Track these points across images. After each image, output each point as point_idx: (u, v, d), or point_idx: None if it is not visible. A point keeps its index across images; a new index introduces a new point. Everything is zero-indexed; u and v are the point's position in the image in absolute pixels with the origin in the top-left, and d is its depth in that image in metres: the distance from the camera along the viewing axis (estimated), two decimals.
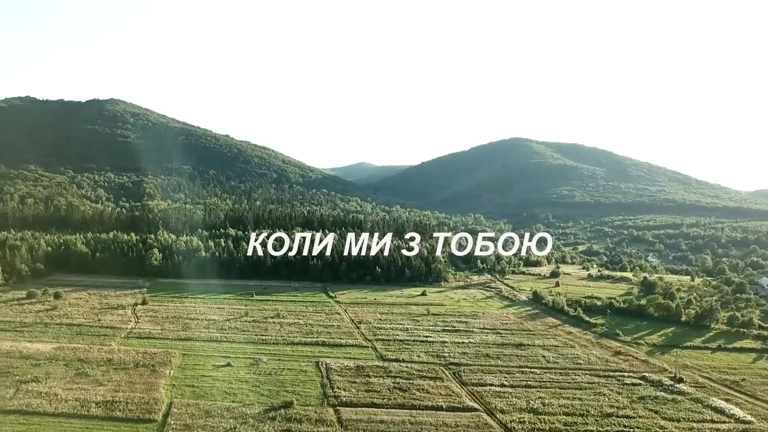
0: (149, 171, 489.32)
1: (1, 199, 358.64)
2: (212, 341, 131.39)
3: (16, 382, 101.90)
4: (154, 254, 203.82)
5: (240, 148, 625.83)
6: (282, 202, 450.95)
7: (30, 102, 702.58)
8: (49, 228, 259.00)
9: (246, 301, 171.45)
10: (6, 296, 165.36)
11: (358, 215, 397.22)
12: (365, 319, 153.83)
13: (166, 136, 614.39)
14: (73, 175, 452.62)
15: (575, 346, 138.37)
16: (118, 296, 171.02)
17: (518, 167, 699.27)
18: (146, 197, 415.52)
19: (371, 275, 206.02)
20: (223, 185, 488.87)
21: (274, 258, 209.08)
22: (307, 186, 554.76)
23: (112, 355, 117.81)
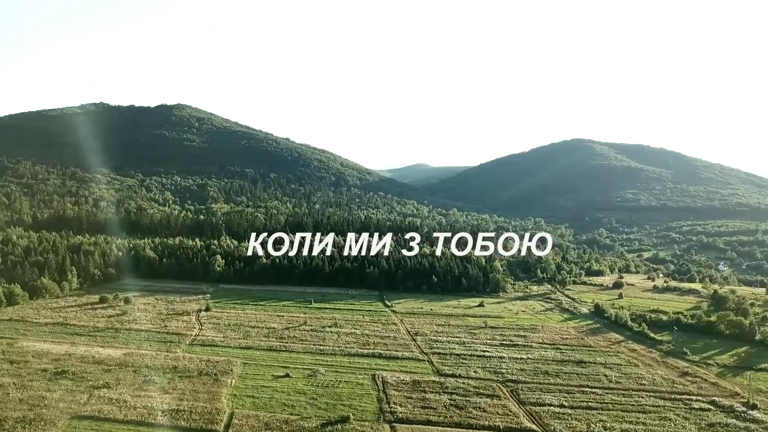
0: (213, 174, 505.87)
1: (77, 202, 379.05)
2: (272, 350, 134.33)
3: (90, 388, 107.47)
4: (217, 260, 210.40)
5: (300, 152, 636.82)
6: (340, 205, 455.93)
7: (103, 108, 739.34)
8: (120, 232, 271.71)
9: (305, 309, 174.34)
10: (81, 300, 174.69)
11: (414, 219, 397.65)
12: (421, 331, 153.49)
13: (230, 140, 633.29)
14: (142, 179, 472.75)
15: (639, 365, 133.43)
16: (183, 302, 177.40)
17: (580, 169, 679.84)
18: (210, 200, 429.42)
19: (428, 284, 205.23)
20: (284, 188, 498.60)
21: (332, 265, 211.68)
22: (365, 189, 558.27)
23: (177, 362, 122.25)
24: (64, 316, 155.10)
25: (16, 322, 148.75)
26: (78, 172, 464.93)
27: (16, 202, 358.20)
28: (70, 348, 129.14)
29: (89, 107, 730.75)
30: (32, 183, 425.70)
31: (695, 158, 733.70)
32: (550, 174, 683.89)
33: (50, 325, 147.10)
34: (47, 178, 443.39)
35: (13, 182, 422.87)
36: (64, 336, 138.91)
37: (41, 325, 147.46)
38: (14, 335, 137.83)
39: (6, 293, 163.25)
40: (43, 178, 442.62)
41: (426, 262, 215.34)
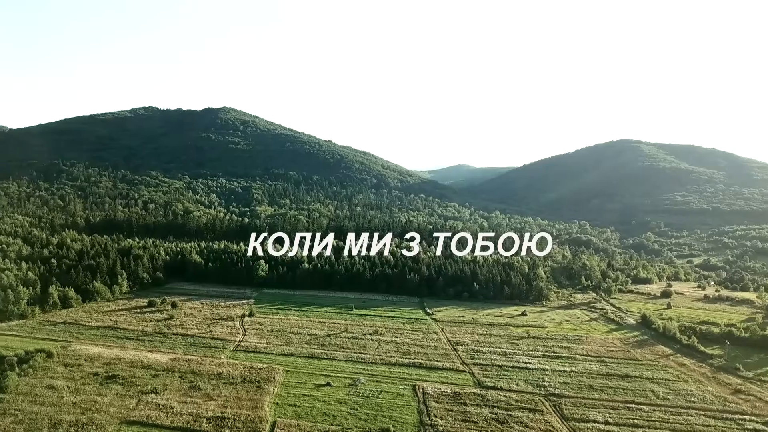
0: (257, 176, 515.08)
1: (127, 205, 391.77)
2: (313, 358, 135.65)
3: (138, 393, 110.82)
4: (260, 265, 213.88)
5: (342, 154, 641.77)
6: (380, 207, 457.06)
7: (152, 111, 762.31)
8: (168, 235, 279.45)
9: (346, 315, 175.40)
10: (130, 304, 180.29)
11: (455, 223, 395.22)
12: (463, 341, 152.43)
13: (274, 142, 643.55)
14: (189, 181, 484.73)
15: (688, 381, 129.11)
16: (228, 307, 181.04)
17: (627, 171, 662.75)
18: (254, 202, 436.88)
19: (469, 292, 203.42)
20: (326, 190, 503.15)
21: (373, 271, 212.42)
22: (405, 191, 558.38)
23: (221, 368, 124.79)
24: (115, 320, 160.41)
25: (70, 325, 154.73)
26: (128, 175, 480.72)
27: (71, 205, 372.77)
28: (120, 352, 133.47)
29: (140, 111, 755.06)
30: (85, 185, 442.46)
31: (749, 159, 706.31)
32: (595, 176, 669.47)
33: (101, 329, 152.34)
34: (99, 180, 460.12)
35: (68, 185, 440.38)
36: (114, 340, 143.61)
37: (93, 328, 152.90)
38: (68, 338, 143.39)
39: (61, 296, 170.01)
40: (96, 180, 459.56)
41: (467, 269, 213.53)
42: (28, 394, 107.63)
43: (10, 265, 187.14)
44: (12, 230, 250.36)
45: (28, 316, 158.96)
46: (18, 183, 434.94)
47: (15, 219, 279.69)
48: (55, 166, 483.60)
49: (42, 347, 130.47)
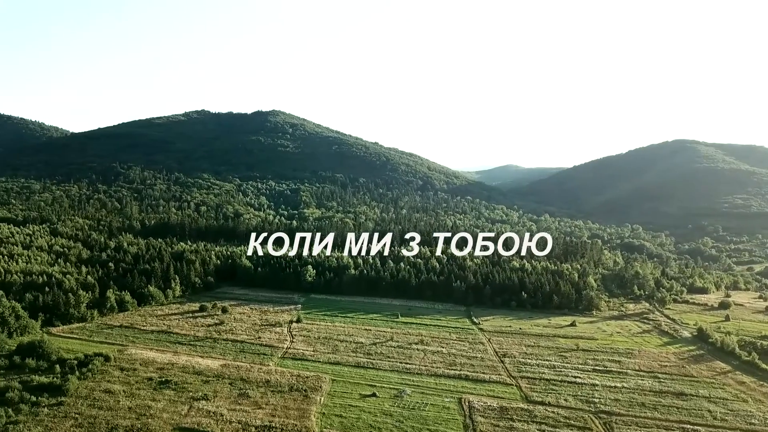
0: (305, 179, 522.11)
1: (180, 207, 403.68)
2: (359, 367, 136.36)
3: (190, 399, 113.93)
4: (308, 271, 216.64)
5: (388, 156, 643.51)
6: (426, 210, 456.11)
7: (204, 115, 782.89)
8: (219, 238, 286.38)
9: (391, 323, 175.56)
10: (183, 308, 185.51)
11: (503, 226, 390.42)
12: (510, 352, 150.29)
13: (321, 145, 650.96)
14: (239, 183, 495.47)
15: (748, 401, 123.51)
16: (276, 312, 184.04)
17: (683, 172, 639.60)
18: (302, 205, 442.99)
19: (516, 300, 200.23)
20: (372, 193, 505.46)
21: (419, 278, 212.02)
22: (452, 193, 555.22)
23: (269, 376, 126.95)
24: (168, 324, 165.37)
25: (126, 329, 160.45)
26: (181, 177, 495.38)
27: (127, 207, 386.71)
28: (173, 357, 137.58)
29: (192, 115, 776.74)
30: (141, 188, 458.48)
31: None
32: (649, 177, 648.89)
33: (155, 333, 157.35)
34: (154, 183, 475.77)
35: (125, 187, 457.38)
36: (168, 344, 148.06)
37: (147, 332, 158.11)
38: (124, 342, 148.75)
39: (118, 300, 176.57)
40: (151, 183, 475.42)
41: (515, 277, 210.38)
42: (87, 397, 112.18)
43: (71, 268, 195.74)
44: (73, 233, 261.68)
45: (88, 319, 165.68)
46: (78, 185, 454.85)
47: (75, 222, 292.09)
48: (113, 169, 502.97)
49: (100, 351, 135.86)
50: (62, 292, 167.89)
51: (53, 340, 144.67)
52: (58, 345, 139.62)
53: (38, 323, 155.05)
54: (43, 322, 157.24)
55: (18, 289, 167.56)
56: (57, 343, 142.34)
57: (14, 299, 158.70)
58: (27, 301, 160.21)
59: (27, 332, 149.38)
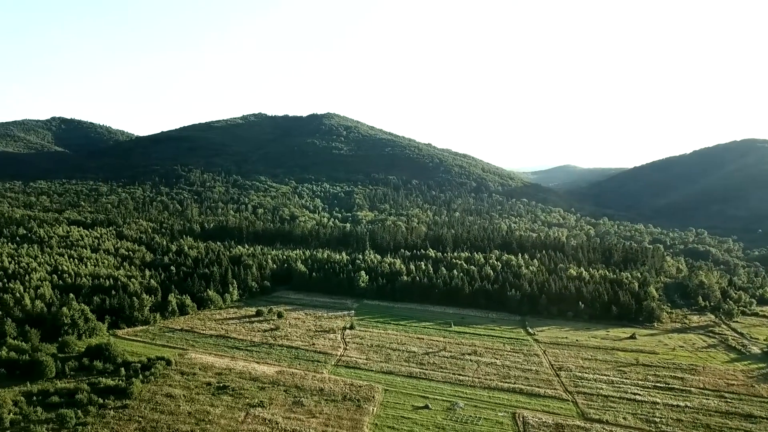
0: (359, 181, 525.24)
1: (238, 209, 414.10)
2: (412, 377, 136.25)
3: (246, 406, 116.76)
4: (361, 276, 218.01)
5: (441, 158, 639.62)
6: (480, 213, 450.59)
7: (261, 118, 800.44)
8: (275, 242, 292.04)
9: (444, 332, 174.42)
10: (240, 312, 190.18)
11: (559, 230, 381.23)
12: (566, 365, 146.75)
13: (375, 147, 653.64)
14: (295, 186, 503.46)
15: None
16: (330, 318, 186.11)
17: (752, 173, 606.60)
18: (356, 207, 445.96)
19: (573, 311, 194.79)
20: (425, 195, 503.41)
21: (472, 286, 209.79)
22: (507, 195, 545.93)
23: (323, 384, 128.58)
24: (226, 329, 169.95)
25: (186, 333, 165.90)
26: (239, 180, 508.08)
27: (188, 209, 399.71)
28: (231, 362, 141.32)
29: (250, 118, 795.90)
30: (201, 190, 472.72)
31: None
32: (715, 179, 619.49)
33: (214, 337, 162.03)
34: (213, 185, 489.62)
35: (185, 190, 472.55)
36: (225, 349, 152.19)
37: (206, 336, 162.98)
38: (185, 346, 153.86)
39: (179, 304, 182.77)
40: (210, 185, 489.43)
41: (572, 286, 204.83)
42: (150, 401, 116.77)
43: (135, 272, 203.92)
44: (137, 236, 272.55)
45: (151, 322, 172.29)
46: (142, 188, 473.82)
47: (140, 224, 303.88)
48: (175, 172, 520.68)
49: (162, 355, 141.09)
50: (127, 296, 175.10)
51: (118, 342, 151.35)
52: (123, 347, 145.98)
53: (105, 326, 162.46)
54: (110, 325, 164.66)
55: (87, 292, 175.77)
56: (122, 345, 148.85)
57: (83, 302, 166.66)
58: (95, 304, 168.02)
59: (95, 334, 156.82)
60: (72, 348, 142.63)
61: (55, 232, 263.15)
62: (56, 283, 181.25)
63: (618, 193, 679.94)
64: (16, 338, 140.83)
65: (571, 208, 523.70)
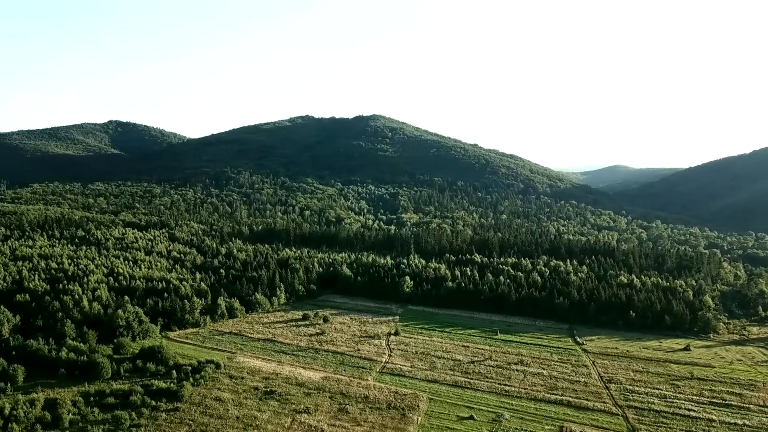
0: (404, 183, 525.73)
1: (286, 211, 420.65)
2: (456, 386, 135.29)
3: (292, 411, 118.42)
4: (406, 281, 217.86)
5: (488, 159, 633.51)
6: (528, 215, 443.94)
7: (308, 120, 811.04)
8: (321, 245, 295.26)
9: (490, 340, 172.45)
10: (287, 316, 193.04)
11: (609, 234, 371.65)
12: (616, 378, 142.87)
13: (420, 148, 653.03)
14: (341, 188, 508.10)
15: None
16: (375, 323, 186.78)
17: None
18: (401, 209, 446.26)
19: (624, 320, 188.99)
20: (470, 197, 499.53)
21: (519, 293, 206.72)
22: (555, 197, 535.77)
23: (368, 391, 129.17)
24: (273, 333, 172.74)
25: (235, 336, 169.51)
26: (287, 182, 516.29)
27: (237, 211, 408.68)
28: (277, 367, 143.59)
29: (297, 120, 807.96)
30: (250, 192, 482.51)
31: None
32: None
33: (261, 341, 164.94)
34: (262, 187, 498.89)
35: (235, 192, 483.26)
36: (272, 354, 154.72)
37: (254, 340, 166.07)
38: (233, 349, 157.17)
39: (228, 307, 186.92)
40: (259, 187, 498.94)
41: (622, 294, 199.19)
42: (200, 404, 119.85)
43: (186, 275, 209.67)
44: (188, 238, 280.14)
45: (201, 325, 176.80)
46: (194, 189, 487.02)
47: (191, 227, 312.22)
48: (224, 174, 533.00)
49: (211, 358, 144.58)
50: (179, 299, 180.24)
51: (170, 344, 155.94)
52: (174, 350, 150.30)
53: (158, 328, 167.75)
54: (162, 327, 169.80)
55: (140, 294, 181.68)
56: (173, 347, 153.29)
57: (137, 304, 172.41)
58: (148, 307, 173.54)
59: (148, 336, 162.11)
60: (126, 349, 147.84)
61: (112, 234, 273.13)
62: (112, 285, 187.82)
63: (671, 195, 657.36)
64: (75, 339, 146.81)
65: (622, 210, 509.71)
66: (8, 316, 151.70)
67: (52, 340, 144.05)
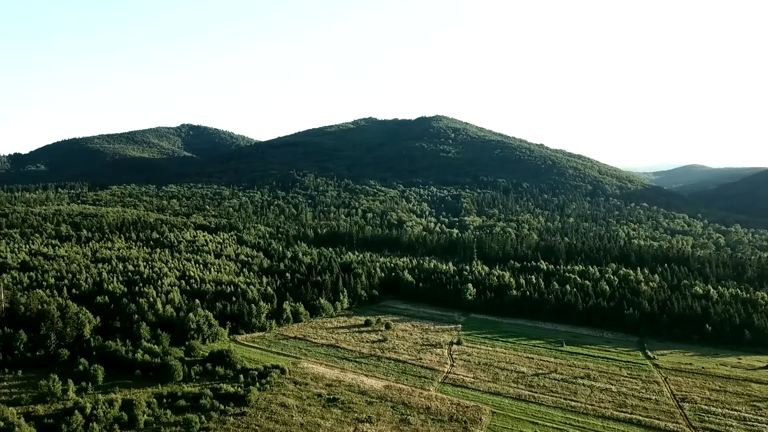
0: (466, 185, 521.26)
1: (349, 213, 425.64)
2: (520, 400, 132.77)
3: (354, 420, 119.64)
4: (468, 289, 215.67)
5: (554, 159, 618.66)
6: (596, 219, 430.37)
7: (371, 122, 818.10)
8: (383, 248, 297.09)
9: (555, 352, 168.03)
10: (349, 321, 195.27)
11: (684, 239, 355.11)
12: (690, 396, 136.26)
13: (483, 149, 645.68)
14: (402, 190, 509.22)
15: None
16: (437, 331, 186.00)
17: None
18: (463, 212, 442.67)
19: (699, 334, 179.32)
20: (536, 199, 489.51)
21: (586, 302, 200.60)
22: (625, 199, 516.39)
23: (430, 402, 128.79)
24: (336, 339, 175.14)
25: (299, 341, 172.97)
26: (350, 184, 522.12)
27: (302, 213, 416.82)
28: (340, 374, 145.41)
29: (360, 122, 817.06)
30: (314, 194, 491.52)
31: None
32: None
33: (325, 347, 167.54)
34: (326, 189, 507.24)
35: (300, 194, 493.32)
36: (335, 360, 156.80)
37: (318, 345, 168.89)
38: (297, 354, 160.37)
39: (293, 311, 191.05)
40: (323, 189, 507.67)
41: (698, 306, 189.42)
42: (266, 409, 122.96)
43: (253, 279, 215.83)
44: (255, 242, 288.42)
45: (267, 329, 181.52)
46: (261, 192, 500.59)
47: (258, 230, 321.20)
48: (290, 176, 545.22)
49: (276, 363, 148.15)
50: (246, 303, 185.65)
51: (237, 348, 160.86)
52: (241, 354, 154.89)
53: (226, 331, 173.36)
54: (230, 330, 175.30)
55: (210, 298, 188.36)
56: (240, 351, 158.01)
57: (207, 308, 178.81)
58: (217, 310, 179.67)
59: (217, 339, 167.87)
60: (197, 352, 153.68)
61: (184, 236, 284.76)
62: (184, 289, 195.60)
63: (753, 197, 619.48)
64: (149, 341, 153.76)
65: (698, 213, 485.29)
66: (89, 317, 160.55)
67: (128, 341, 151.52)
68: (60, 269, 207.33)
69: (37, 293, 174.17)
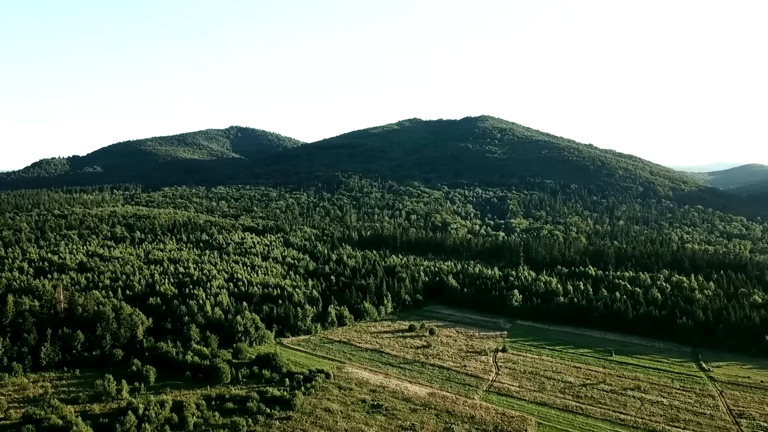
0: (513, 186, 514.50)
1: (393, 215, 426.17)
2: (567, 411, 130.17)
3: (398, 428, 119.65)
4: (514, 295, 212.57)
5: (603, 160, 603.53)
6: (647, 222, 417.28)
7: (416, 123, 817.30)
8: (427, 252, 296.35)
9: (604, 362, 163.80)
10: (393, 326, 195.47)
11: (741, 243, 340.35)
12: (748, 412, 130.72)
13: (530, 150, 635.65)
14: (447, 191, 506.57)
15: None
16: (482, 338, 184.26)
17: None
18: (509, 214, 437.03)
19: (758, 345, 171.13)
20: (584, 201, 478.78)
21: (636, 310, 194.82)
22: (678, 201, 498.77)
23: (474, 411, 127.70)
24: (380, 343, 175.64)
25: (344, 345, 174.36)
26: (394, 185, 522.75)
27: (347, 215, 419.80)
28: (384, 380, 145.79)
29: (405, 123, 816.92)
30: (359, 196, 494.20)
31: None
32: None
33: (369, 351, 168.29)
34: (370, 191, 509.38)
35: (345, 195, 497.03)
36: (379, 365, 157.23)
37: (362, 350, 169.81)
38: (342, 359, 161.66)
39: (337, 315, 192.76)
40: (367, 191, 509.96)
41: (756, 316, 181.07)
42: (311, 414, 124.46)
43: (299, 281, 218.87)
44: (301, 244, 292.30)
45: (312, 332, 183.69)
46: (307, 193, 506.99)
47: (304, 231, 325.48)
48: (335, 178, 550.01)
49: (321, 367, 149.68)
50: (292, 306, 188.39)
51: (283, 351, 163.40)
52: (287, 357, 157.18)
53: (272, 334, 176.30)
54: (276, 333, 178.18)
55: (257, 301, 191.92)
56: (286, 354, 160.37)
57: (254, 311, 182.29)
58: (264, 313, 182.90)
59: (263, 342, 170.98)
60: (244, 355, 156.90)
61: (232, 238, 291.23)
62: (232, 291, 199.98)
63: None
64: (198, 343, 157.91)
65: (757, 216, 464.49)
66: (142, 319, 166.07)
67: (179, 343, 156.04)
68: (115, 270, 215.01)
69: (93, 294, 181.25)
